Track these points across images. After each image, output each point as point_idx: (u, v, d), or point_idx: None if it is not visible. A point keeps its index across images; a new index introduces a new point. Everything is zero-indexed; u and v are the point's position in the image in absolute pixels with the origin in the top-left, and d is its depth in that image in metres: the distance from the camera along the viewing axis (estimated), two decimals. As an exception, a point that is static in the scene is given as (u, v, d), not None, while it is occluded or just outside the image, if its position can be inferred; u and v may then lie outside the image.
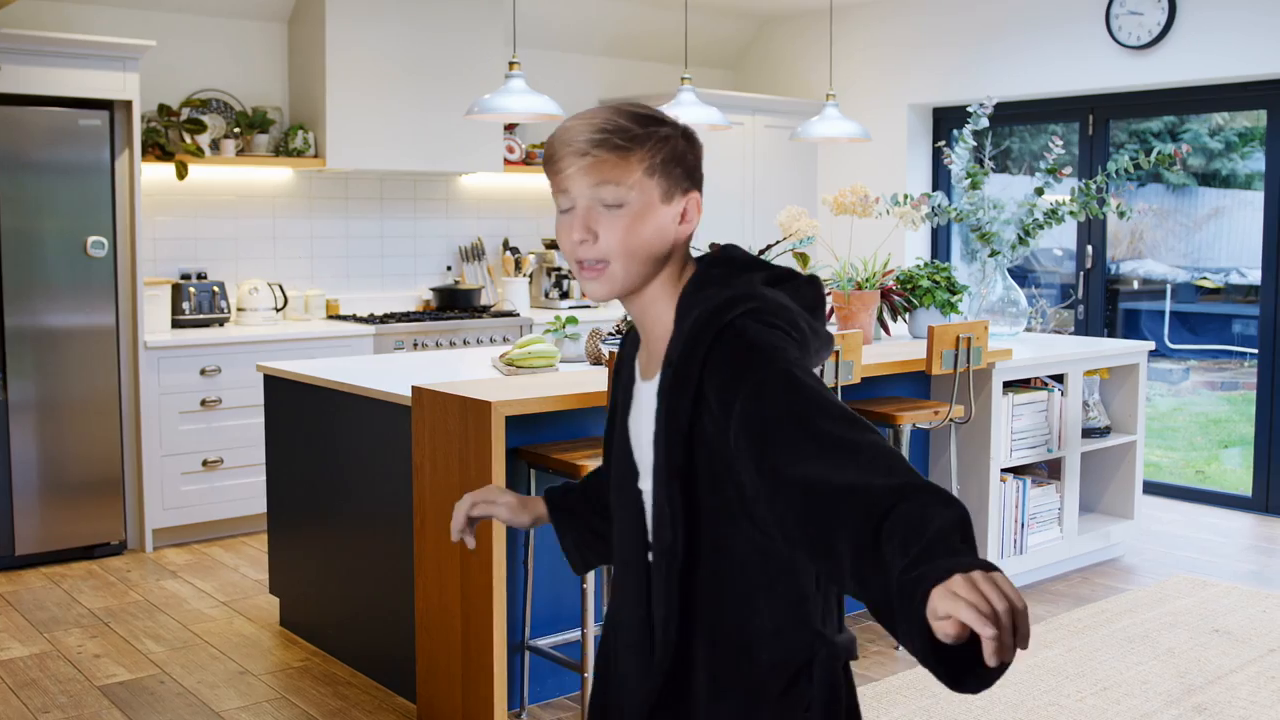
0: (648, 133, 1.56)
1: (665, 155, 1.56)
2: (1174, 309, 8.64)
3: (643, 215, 1.55)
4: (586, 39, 7.32)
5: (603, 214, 1.55)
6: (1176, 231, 8.90)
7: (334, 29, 5.94)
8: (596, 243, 1.56)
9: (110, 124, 5.17)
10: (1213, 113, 6.75)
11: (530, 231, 7.18)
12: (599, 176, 1.54)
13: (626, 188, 1.54)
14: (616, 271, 1.57)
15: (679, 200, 1.59)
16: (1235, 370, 9.00)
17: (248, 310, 5.91)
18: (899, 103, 7.19)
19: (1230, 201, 8.70)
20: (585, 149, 1.53)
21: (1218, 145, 8.53)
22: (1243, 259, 8.60)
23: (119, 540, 5.30)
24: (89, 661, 4.07)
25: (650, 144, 1.55)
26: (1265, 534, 5.76)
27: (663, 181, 1.57)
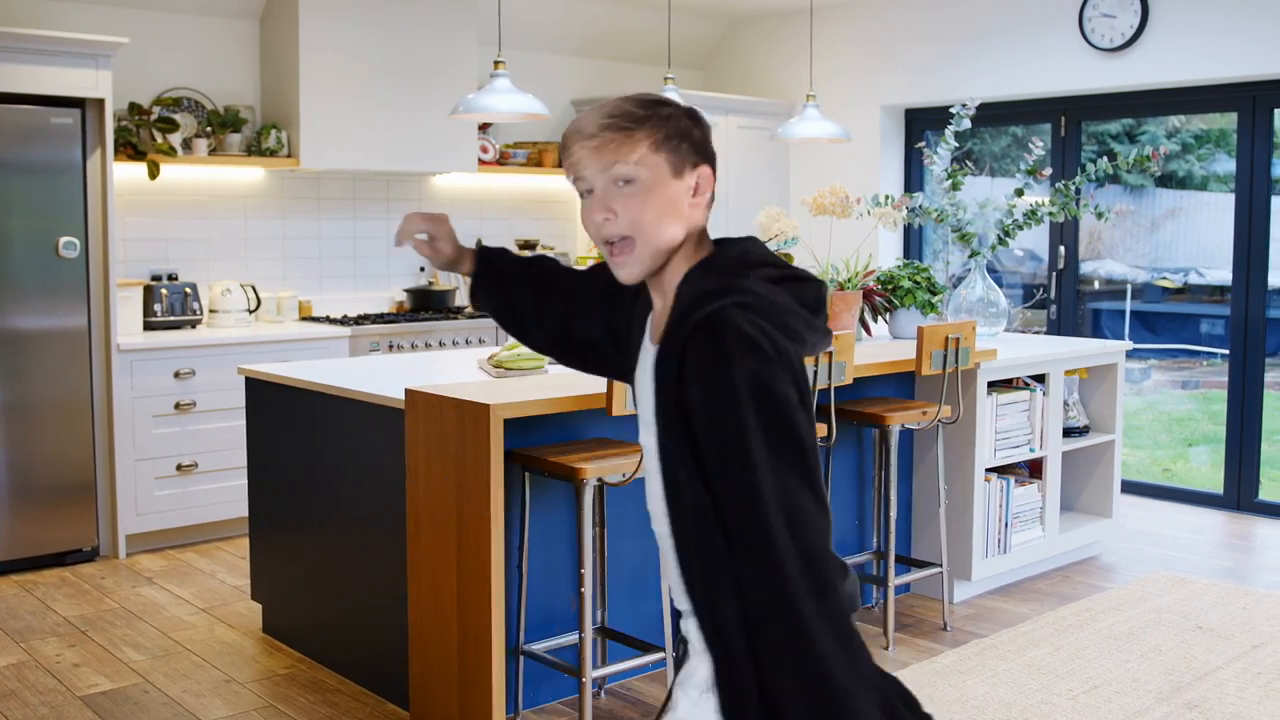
0: (651, 113, 1.66)
1: (669, 131, 1.66)
2: (1134, 309, 8.73)
3: (655, 189, 1.65)
4: (558, 39, 7.28)
5: (617, 192, 1.65)
6: (1134, 232, 8.99)
7: (307, 28, 5.86)
8: (617, 219, 1.66)
9: (82, 123, 5.08)
10: (1185, 114, 6.82)
11: (504, 231, 7.13)
12: (609, 157, 1.64)
13: (634, 164, 1.64)
14: (640, 248, 1.67)
15: (689, 174, 1.68)
16: (1195, 369, 9.11)
17: (220, 312, 5.82)
18: (872, 104, 7.22)
19: (1187, 203, 8.80)
20: (594, 132, 1.65)
21: (1174, 147, 8.64)
22: (1199, 259, 8.72)
23: (91, 546, 5.20)
24: (69, 671, 3.98)
25: (653, 122, 1.65)
26: (1238, 531, 5.83)
27: (670, 156, 1.66)
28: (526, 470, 3.48)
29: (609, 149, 1.64)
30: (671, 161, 1.65)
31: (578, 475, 3.28)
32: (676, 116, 1.67)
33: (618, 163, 1.64)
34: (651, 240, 1.65)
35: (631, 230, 1.65)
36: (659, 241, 1.66)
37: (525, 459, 3.42)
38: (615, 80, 7.64)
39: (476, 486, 3.24)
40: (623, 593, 3.88)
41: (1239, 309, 6.10)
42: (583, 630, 3.38)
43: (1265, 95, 5.91)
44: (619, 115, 1.65)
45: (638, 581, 3.93)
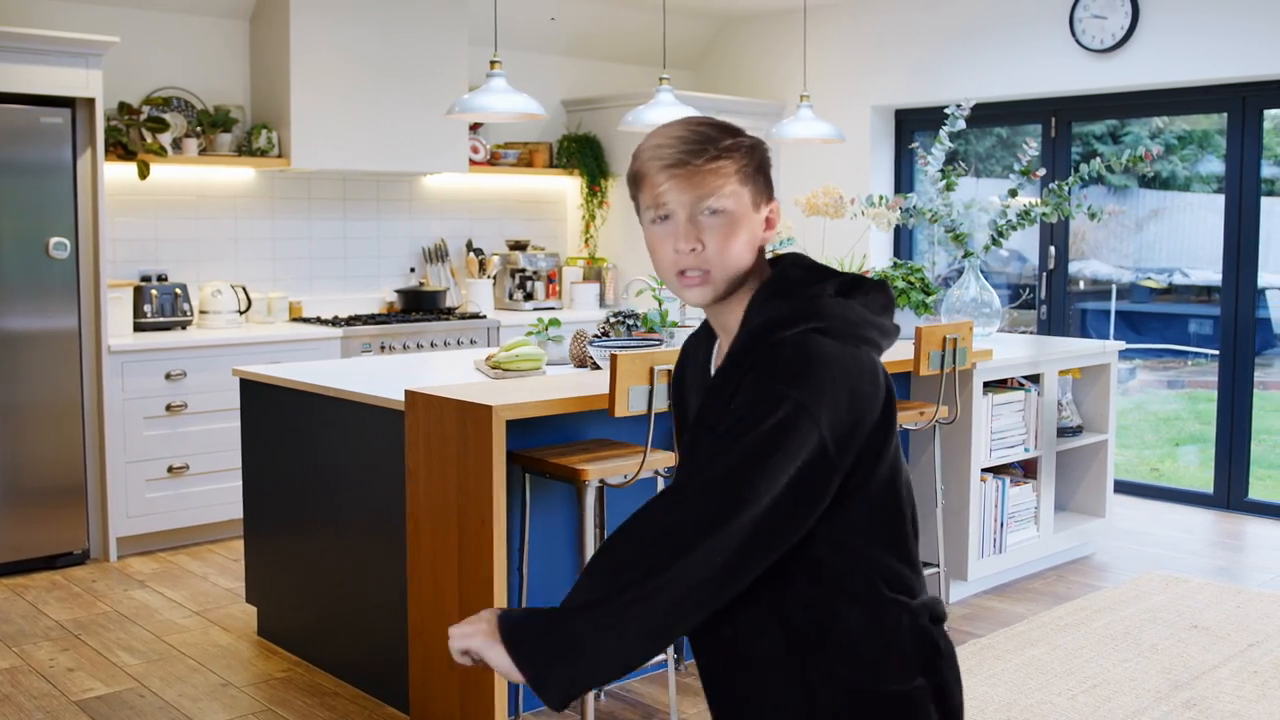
0: (735, 142, 1.61)
1: (755, 163, 1.63)
2: (1119, 309, 8.77)
3: (740, 222, 1.60)
4: (548, 39, 7.27)
5: (705, 222, 1.59)
6: (1118, 233, 9.03)
7: (298, 28, 5.83)
8: (704, 250, 1.60)
9: (72, 122, 5.03)
10: (1175, 115, 6.85)
11: (494, 232, 7.11)
12: (700, 188, 1.58)
13: (726, 195, 1.59)
14: (718, 279, 1.62)
15: (764, 208, 1.65)
16: (1180, 369, 9.15)
17: (210, 313, 5.78)
18: (862, 104, 7.22)
19: (1170, 203, 8.85)
20: (684, 159, 1.58)
21: (1140, 148, 8.68)
22: (1183, 259, 8.76)
23: (82, 549, 5.16)
24: (63, 676, 3.95)
25: (740, 152, 1.61)
26: (1229, 530, 5.86)
27: (753, 189, 1.62)
28: (527, 471, 3.46)
29: (701, 178, 1.57)
30: (753, 194, 1.62)
31: (580, 477, 3.27)
32: (758, 146, 1.63)
33: (711, 194, 1.58)
34: (729, 273, 1.61)
35: (711, 264, 1.60)
36: (735, 274, 1.62)
37: (526, 460, 3.41)
38: (606, 81, 7.63)
39: (478, 488, 3.22)
40: (622, 594, 3.87)
41: (1229, 309, 6.13)
42: (585, 632, 3.36)
43: (1255, 96, 5.94)
44: (705, 141, 1.58)
45: (637, 583, 3.92)
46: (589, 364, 4.15)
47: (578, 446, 3.54)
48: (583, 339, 4.21)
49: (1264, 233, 6.10)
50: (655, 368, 3.30)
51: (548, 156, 7.21)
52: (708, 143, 1.58)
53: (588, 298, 7.08)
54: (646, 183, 1.61)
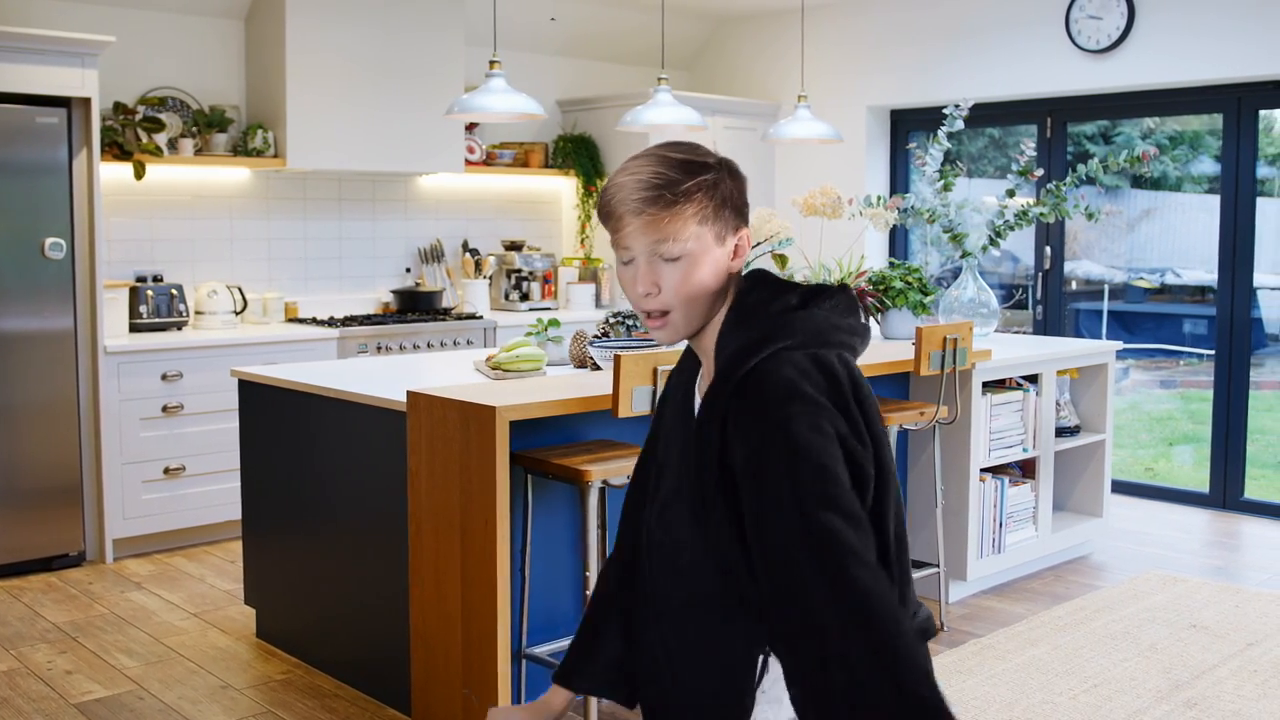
0: (697, 182, 1.61)
1: (716, 202, 1.63)
2: (1111, 309, 8.79)
3: (699, 261, 1.63)
4: (543, 39, 7.26)
5: (663, 267, 1.62)
6: (1110, 233, 9.06)
7: (294, 28, 5.81)
8: (660, 294, 1.63)
9: (68, 122, 5.01)
10: (1171, 116, 6.87)
11: (489, 233, 7.10)
12: (656, 234, 1.60)
13: (683, 241, 1.60)
14: (678, 320, 1.65)
15: (730, 239, 1.66)
16: (1173, 369, 9.17)
17: (206, 313, 5.76)
18: (858, 104, 7.23)
19: (1161, 203, 8.87)
20: (639, 208, 1.60)
21: (1139, 149, 8.70)
22: (1174, 259, 8.78)
23: (78, 551, 5.14)
24: (61, 678, 3.93)
25: (700, 194, 1.62)
26: (1225, 529, 5.87)
27: (715, 226, 1.63)
28: (529, 472, 3.45)
29: (657, 225, 1.60)
30: (716, 230, 1.63)
31: (583, 478, 3.26)
32: (721, 182, 1.63)
33: (665, 240, 1.60)
34: (692, 310, 1.64)
35: (671, 305, 1.63)
36: (698, 308, 1.64)
37: (528, 461, 3.40)
38: (601, 81, 7.62)
39: (481, 489, 3.21)
40: (623, 595, 3.86)
41: (1224, 309, 6.14)
42: (588, 633, 3.35)
43: (1250, 96, 5.96)
44: (665, 186, 1.59)
45: (638, 584, 3.91)
46: (589, 364, 4.15)
47: (579, 447, 3.53)
48: (583, 339, 4.21)
49: (1255, 233, 6.11)
50: (659, 368, 3.29)
51: (543, 157, 7.20)
52: (666, 188, 1.58)
53: (584, 298, 7.08)
54: (612, 223, 1.64)
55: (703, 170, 1.62)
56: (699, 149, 1.65)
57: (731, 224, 1.64)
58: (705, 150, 1.65)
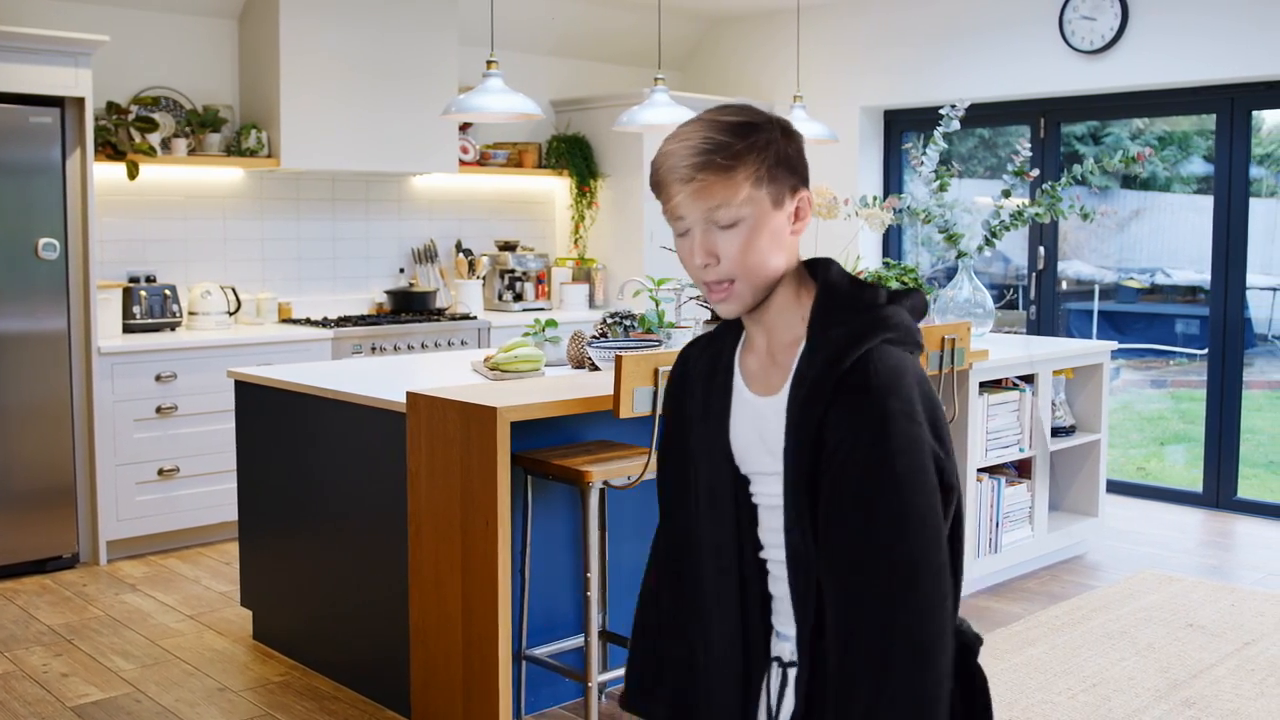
0: (749, 144, 1.54)
1: (770, 162, 1.55)
2: (1101, 308, 8.81)
3: (759, 228, 1.55)
4: (536, 39, 7.24)
5: (719, 235, 1.55)
6: (1099, 233, 9.10)
7: (288, 28, 5.79)
8: (720, 264, 1.56)
9: (61, 122, 4.98)
10: (1164, 116, 6.89)
11: (483, 233, 7.09)
12: (710, 200, 1.53)
13: (738, 205, 1.53)
14: (743, 289, 1.58)
15: (789, 202, 1.58)
16: (1163, 369, 9.21)
17: (200, 314, 5.74)
18: (851, 105, 7.23)
19: (1151, 204, 8.91)
20: (690, 174, 1.53)
21: (1133, 149, 8.74)
22: (1164, 259, 8.82)
23: (71, 553, 5.11)
24: (57, 681, 3.91)
25: (753, 155, 1.54)
26: (1219, 529, 5.89)
27: (771, 189, 1.55)
28: (529, 473, 3.44)
29: (710, 192, 1.53)
30: (773, 194, 1.55)
31: (584, 479, 3.26)
32: (774, 141, 1.56)
33: (720, 206, 1.53)
34: (755, 279, 1.57)
35: (733, 274, 1.56)
36: (763, 278, 1.57)
37: (528, 462, 3.39)
38: (594, 81, 7.61)
39: (482, 490, 3.20)
40: (621, 596, 3.86)
41: (1217, 309, 6.16)
42: (589, 634, 3.35)
43: (1243, 97, 5.98)
44: (716, 150, 1.52)
45: (635, 584, 3.90)
46: (587, 365, 4.14)
47: (578, 448, 3.53)
48: (581, 340, 4.20)
49: (1248, 234, 6.13)
50: (660, 369, 3.29)
51: (537, 157, 7.19)
52: (717, 152, 1.52)
53: (577, 298, 7.07)
54: (663, 194, 1.58)
55: (754, 131, 1.54)
56: (750, 110, 1.58)
57: (789, 185, 1.56)
58: (757, 111, 1.58)
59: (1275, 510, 6.07)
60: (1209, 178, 8.42)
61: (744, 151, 1.53)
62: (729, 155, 1.52)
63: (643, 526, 3.90)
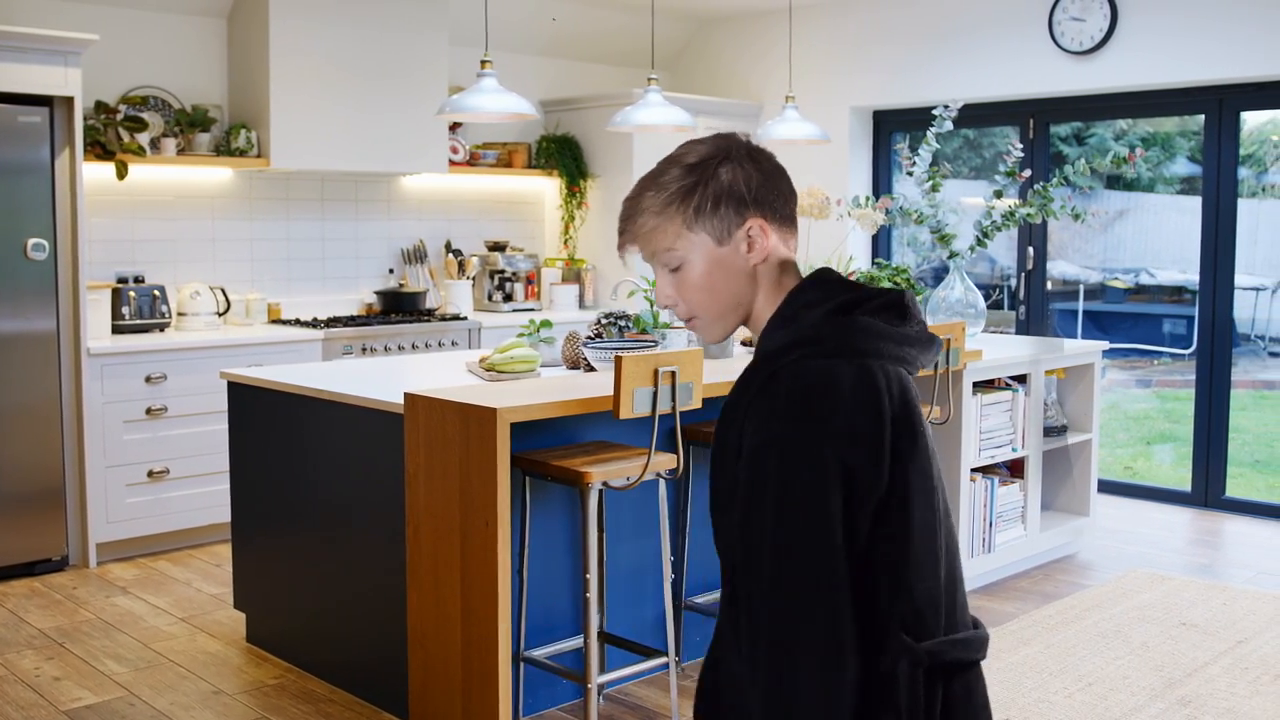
0: (680, 188, 1.57)
1: (698, 203, 1.56)
2: (1086, 308, 8.86)
3: (702, 266, 1.58)
4: (525, 39, 7.23)
5: (672, 277, 1.61)
6: (1083, 233, 9.14)
7: (277, 27, 5.76)
8: (679, 305, 1.63)
9: (50, 121, 4.95)
10: (1152, 117, 6.92)
11: (472, 233, 7.07)
12: (649, 248, 1.61)
13: (676, 251, 1.59)
14: (706, 322, 1.63)
15: (737, 233, 1.57)
16: (1148, 368, 9.26)
17: (189, 315, 5.70)
18: (840, 105, 7.24)
19: (1134, 204, 8.95)
20: (624, 227, 1.62)
21: (1122, 149, 8.79)
22: (1147, 260, 8.86)
23: (61, 556, 5.07)
24: (49, 685, 3.88)
25: (680, 201, 1.57)
26: (1208, 528, 5.92)
27: (709, 226, 1.57)
28: (526, 474, 3.43)
29: (647, 238, 1.60)
30: (712, 230, 1.56)
31: (583, 480, 3.25)
32: (710, 180, 1.56)
33: (659, 251, 1.59)
34: (714, 312, 1.61)
35: (693, 310, 1.61)
36: (724, 310, 1.60)
37: (526, 463, 3.38)
38: (583, 81, 7.60)
39: (482, 491, 3.19)
40: (619, 597, 3.85)
41: (1205, 310, 6.19)
42: (588, 636, 3.34)
43: (1231, 98, 6.01)
44: (645, 204, 1.59)
45: (633, 585, 3.91)
46: (582, 365, 4.13)
47: (576, 449, 3.52)
48: (576, 341, 4.19)
49: (1236, 234, 6.16)
50: (659, 369, 3.28)
51: (526, 157, 7.18)
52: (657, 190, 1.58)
53: (567, 299, 7.05)
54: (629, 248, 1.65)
55: (687, 174, 1.56)
56: (702, 147, 1.58)
57: (732, 219, 1.55)
58: (702, 148, 1.58)
59: (1263, 509, 6.10)
60: (1192, 178, 8.48)
61: (672, 198, 1.57)
62: (660, 203, 1.57)
63: (639, 527, 3.89)
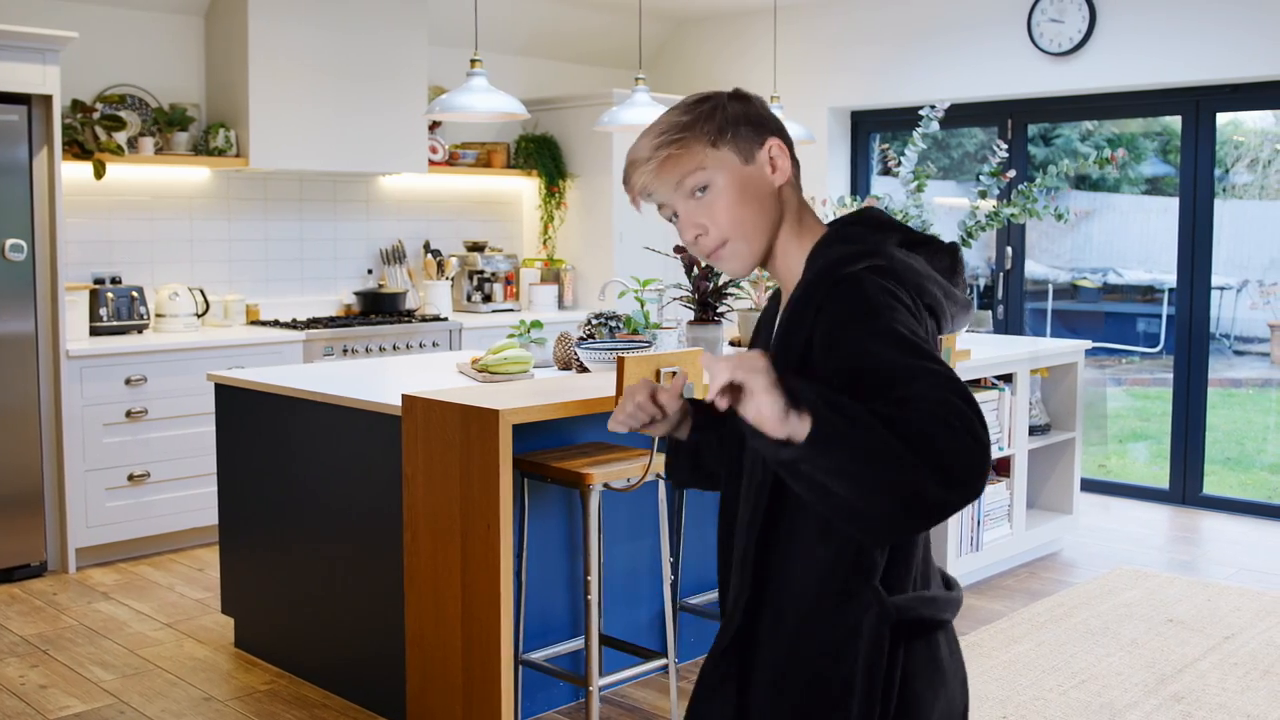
0: (695, 115, 1.60)
1: (720, 123, 1.59)
2: (1055, 307, 8.94)
3: (732, 185, 1.59)
4: (504, 39, 7.19)
5: (697, 204, 1.60)
6: (1050, 234, 9.23)
7: (256, 26, 5.70)
8: (709, 232, 1.60)
9: (28, 120, 4.87)
10: (1130, 118, 6.98)
11: (451, 233, 7.03)
12: (674, 173, 1.59)
13: (703, 170, 1.59)
14: (739, 247, 1.61)
15: (759, 152, 1.61)
16: (1115, 367, 9.35)
17: (167, 316, 5.63)
18: (819, 106, 7.25)
19: (1100, 204, 9.05)
20: (649, 155, 1.61)
21: (1088, 150, 8.89)
22: (1114, 259, 8.96)
23: (39, 561, 4.99)
24: (36, 693, 3.81)
25: (701, 122, 1.59)
26: (1187, 525, 5.97)
27: (734, 145, 1.60)
28: (525, 476, 3.41)
29: (671, 165, 1.59)
30: (737, 149, 1.59)
31: (584, 481, 3.23)
32: (722, 106, 1.61)
33: (686, 175, 1.59)
34: (746, 233, 1.60)
35: (725, 235, 1.59)
36: (754, 231, 1.60)
37: (525, 465, 3.36)
38: (562, 81, 7.58)
39: (484, 493, 3.16)
40: (612, 598, 3.83)
41: (1183, 309, 6.25)
42: (589, 638, 3.32)
43: (1208, 99, 6.07)
44: (667, 129, 1.60)
45: (628, 587, 3.89)
46: (574, 366, 4.11)
47: (574, 450, 3.50)
48: (568, 341, 4.17)
49: (1214, 235, 6.22)
50: (661, 370, 3.27)
51: (505, 157, 7.14)
52: (670, 128, 1.60)
53: (546, 299, 7.03)
54: (636, 190, 1.63)
55: (700, 104, 1.61)
56: (699, 93, 1.64)
57: (753, 139, 1.60)
58: (697, 96, 1.64)
59: (1240, 506, 6.17)
60: (1156, 179, 8.57)
61: (692, 122, 1.59)
62: (678, 129, 1.59)
63: (635, 529, 3.88)
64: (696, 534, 4.04)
